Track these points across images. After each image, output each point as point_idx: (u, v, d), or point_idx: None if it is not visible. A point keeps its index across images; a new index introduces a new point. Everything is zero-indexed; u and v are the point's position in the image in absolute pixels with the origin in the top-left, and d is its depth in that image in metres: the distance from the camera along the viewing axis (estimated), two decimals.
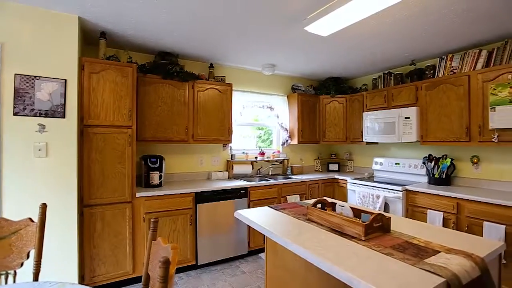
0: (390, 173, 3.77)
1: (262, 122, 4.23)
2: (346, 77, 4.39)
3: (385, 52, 3.16)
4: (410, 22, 2.38)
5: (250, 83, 4.01)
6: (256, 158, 3.91)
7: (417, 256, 1.17)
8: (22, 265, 1.45)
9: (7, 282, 1.42)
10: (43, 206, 1.49)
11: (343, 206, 1.66)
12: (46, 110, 2.16)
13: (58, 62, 2.21)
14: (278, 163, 4.23)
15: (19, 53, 2.09)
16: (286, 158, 4.20)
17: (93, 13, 2.25)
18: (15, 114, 2.07)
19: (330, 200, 1.95)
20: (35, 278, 1.43)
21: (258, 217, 1.81)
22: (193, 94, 3.21)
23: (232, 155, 3.74)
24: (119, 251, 2.54)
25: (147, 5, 2.11)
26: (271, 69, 3.72)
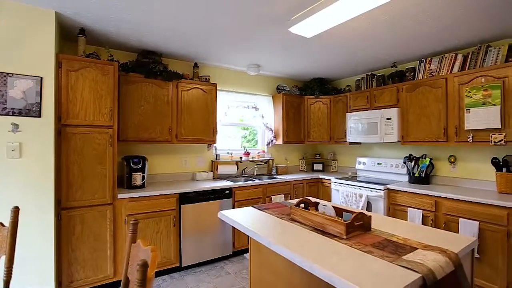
0: (372, 172, 3.85)
1: (247, 122, 4.22)
2: (330, 78, 4.46)
3: (367, 54, 3.23)
4: (390, 25, 2.44)
5: (235, 83, 4.00)
6: (241, 158, 3.89)
7: (395, 253, 1.20)
8: None
9: None
10: (15, 210, 1.43)
11: (326, 206, 1.68)
12: (19, 109, 2.06)
13: (33, 59, 2.11)
14: (263, 163, 4.23)
15: None
16: (271, 158, 4.21)
17: (71, 8, 2.16)
18: None
19: (313, 199, 1.97)
20: (6, 286, 1.36)
21: (242, 217, 1.81)
22: (177, 94, 3.16)
23: (216, 156, 3.72)
24: (99, 255, 2.46)
25: (128, 1, 2.06)
26: (256, 69, 3.72)
